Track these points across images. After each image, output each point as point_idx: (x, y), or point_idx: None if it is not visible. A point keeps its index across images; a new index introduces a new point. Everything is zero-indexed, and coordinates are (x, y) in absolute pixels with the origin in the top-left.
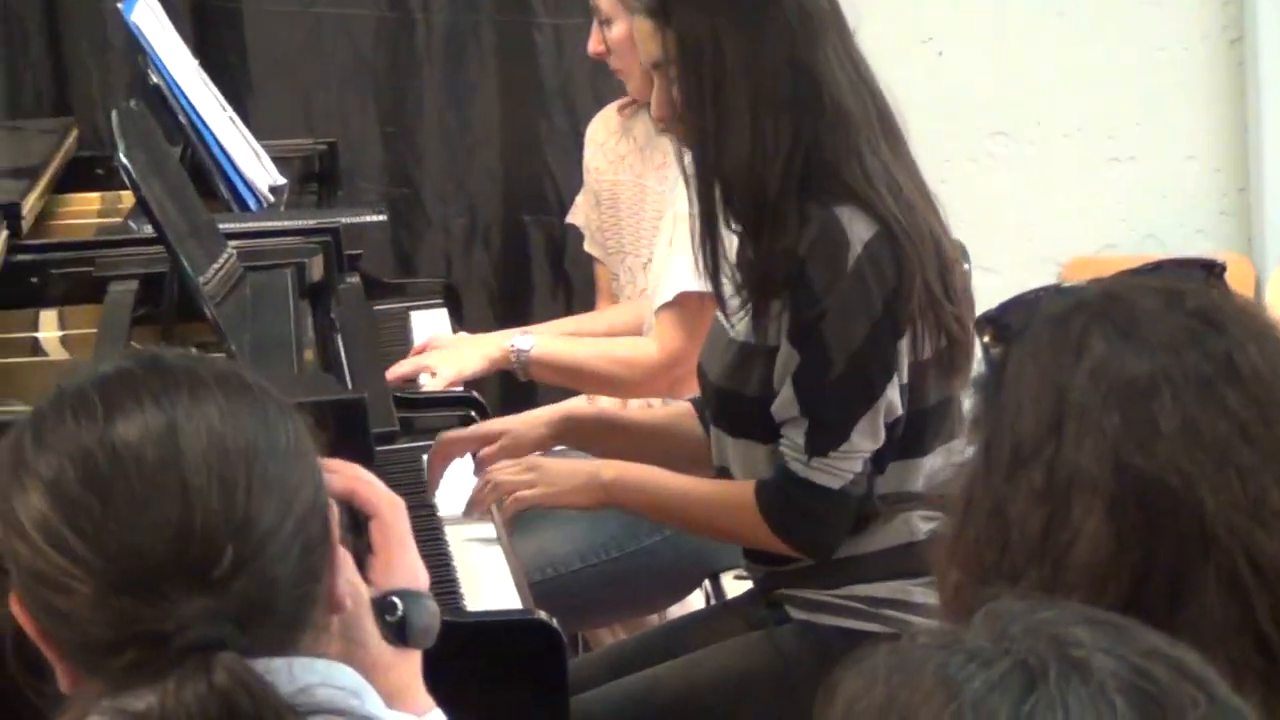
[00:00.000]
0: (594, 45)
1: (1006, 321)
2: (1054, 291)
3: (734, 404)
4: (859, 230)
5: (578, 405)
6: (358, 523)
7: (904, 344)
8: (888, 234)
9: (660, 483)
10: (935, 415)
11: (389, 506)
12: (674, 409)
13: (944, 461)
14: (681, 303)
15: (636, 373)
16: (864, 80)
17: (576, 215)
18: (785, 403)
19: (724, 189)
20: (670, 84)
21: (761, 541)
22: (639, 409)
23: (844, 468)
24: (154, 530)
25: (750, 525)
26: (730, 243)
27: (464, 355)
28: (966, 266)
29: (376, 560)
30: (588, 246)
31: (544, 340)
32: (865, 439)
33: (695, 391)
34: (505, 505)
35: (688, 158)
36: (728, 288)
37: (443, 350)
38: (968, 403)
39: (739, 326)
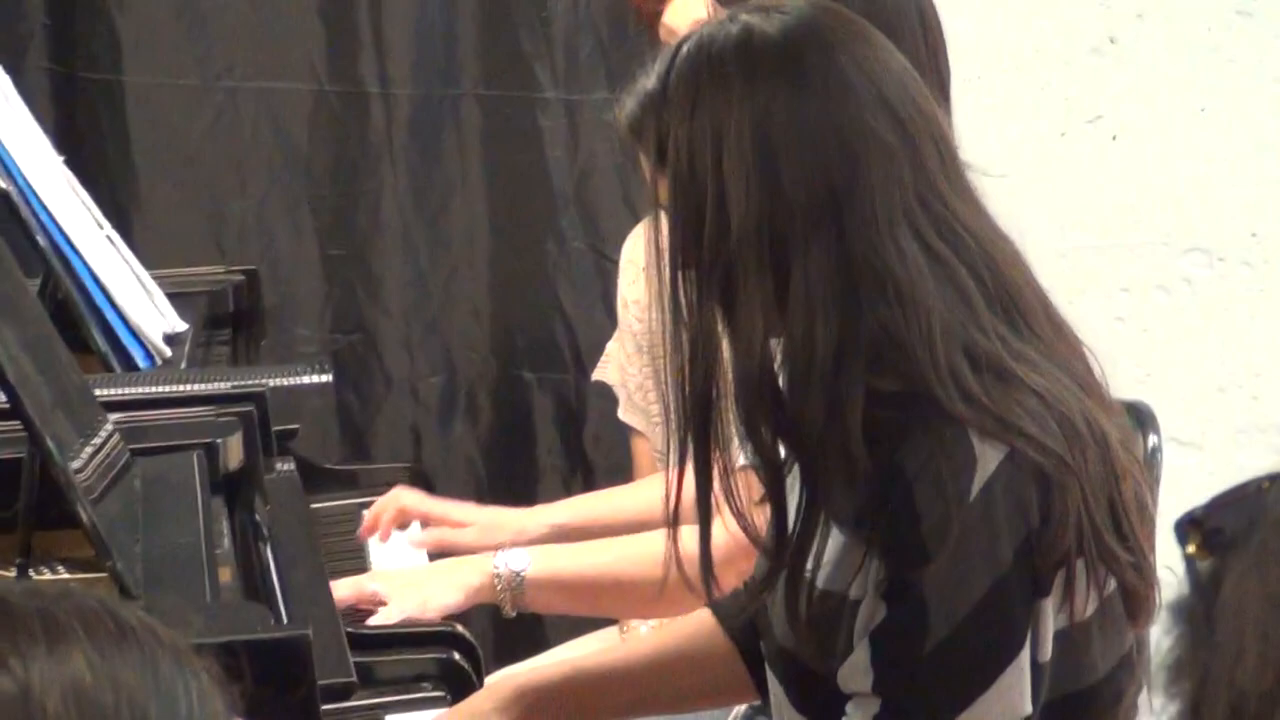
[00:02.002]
0: None
1: (1219, 525)
2: None
3: (809, 677)
4: (990, 448)
5: (527, 672)
6: None
7: (1047, 605)
8: (1028, 463)
9: None
10: (1104, 691)
11: None
12: (681, 626)
13: None
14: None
15: (689, 571)
16: (959, 247)
17: (607, 369)
18: (856, 670)
19: (738, 391)
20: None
21: None
22: (628, 644)
23: None
24: None
25: None
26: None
27: (430, 584)
28: (1152, 441)
29: None
30: (623, 413)
31: (543, 554)
32: None
33: None
34: None
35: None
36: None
37: (401, 574)
38: (1160, 636)
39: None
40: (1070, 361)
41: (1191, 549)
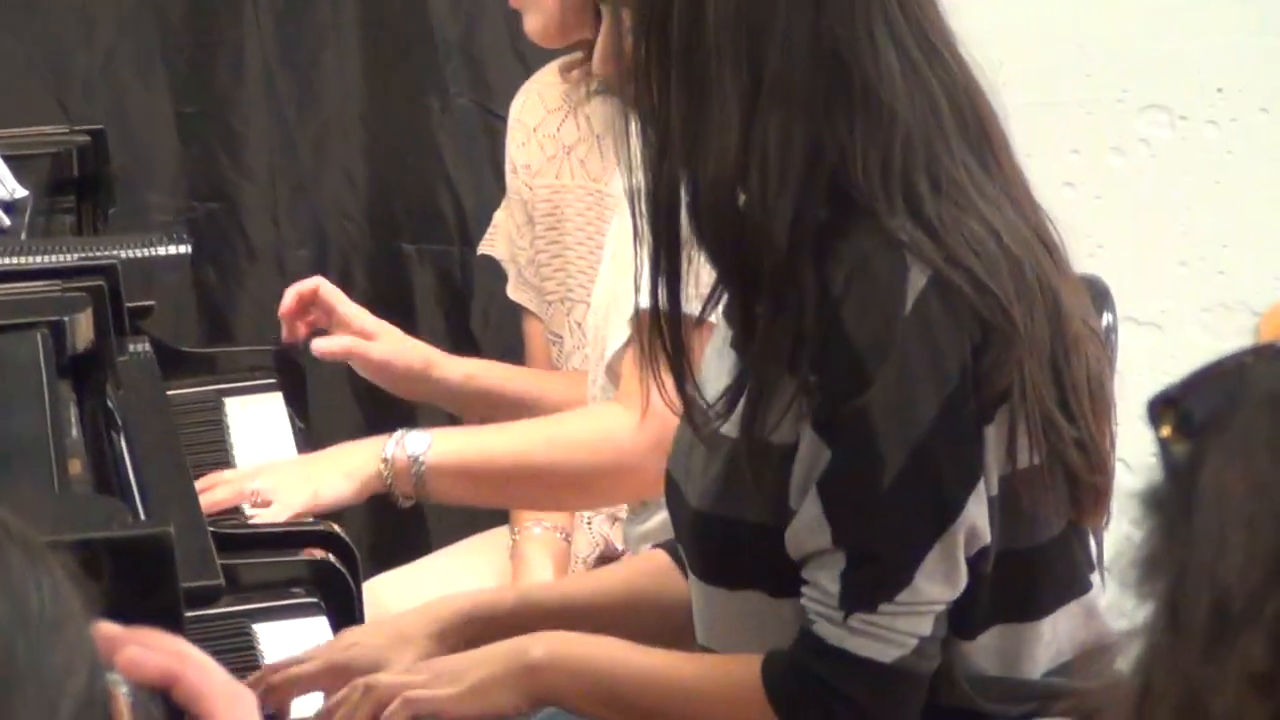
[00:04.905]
0: None
1: (1195, 407)
2: (1269, 358)
3: (727, 539)
4: (921, 269)
5: (471, 595)
6: None
7: (991, 434)
8: (960, 292)
9: (618, 661)
10: (1054, 555)
11: (229, 702)
12: (633, 564)
13: (1073, 631)
14: None
15: (607, 454)
16: (935, 63)
17: (495, 243)
18: (807, 527)
19: (696, 214)
20: (620, 29)
21: None
22: (576, 577)
23: (903, 629)
24: None
25: None
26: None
27: (317, 475)
28: (1106, 320)
29: None
30: (512, 291)
31: (445, 436)
32: (936, 583)
33: None
34: (391, 712)
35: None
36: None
37: (279, 465)
38: (1128, 529)
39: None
40: (1033, 214)
41: (1165, 431)
